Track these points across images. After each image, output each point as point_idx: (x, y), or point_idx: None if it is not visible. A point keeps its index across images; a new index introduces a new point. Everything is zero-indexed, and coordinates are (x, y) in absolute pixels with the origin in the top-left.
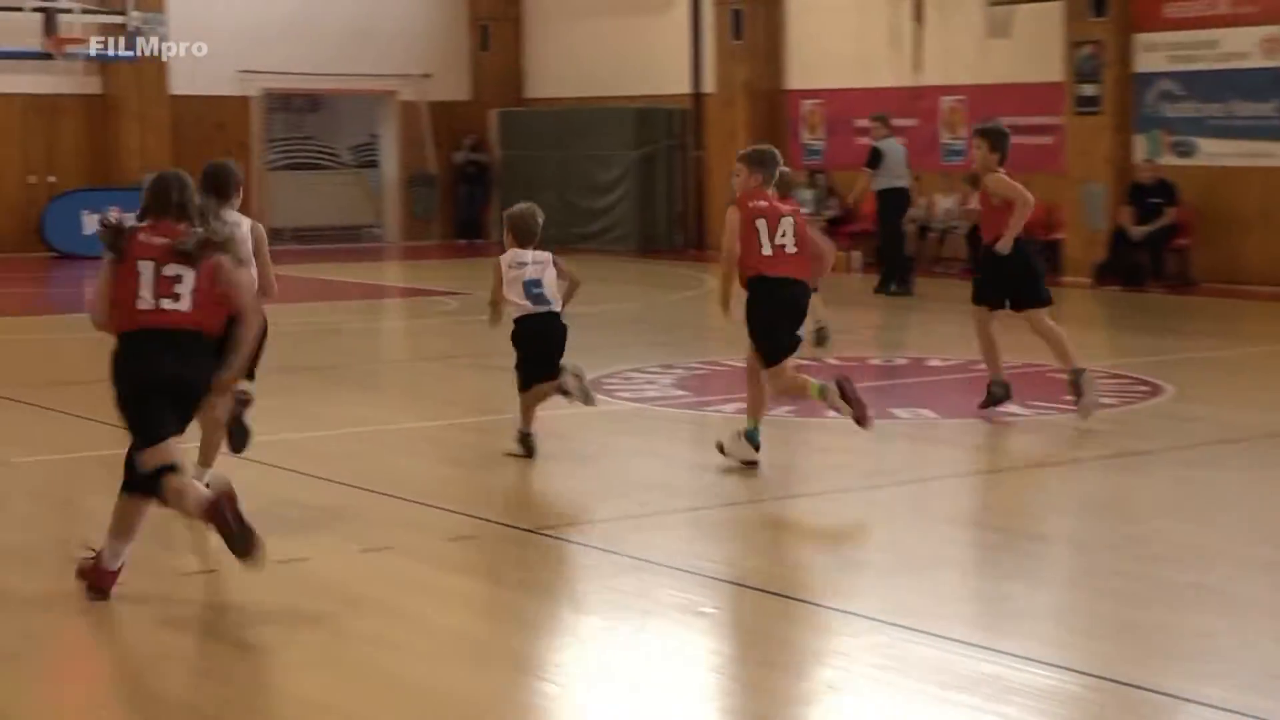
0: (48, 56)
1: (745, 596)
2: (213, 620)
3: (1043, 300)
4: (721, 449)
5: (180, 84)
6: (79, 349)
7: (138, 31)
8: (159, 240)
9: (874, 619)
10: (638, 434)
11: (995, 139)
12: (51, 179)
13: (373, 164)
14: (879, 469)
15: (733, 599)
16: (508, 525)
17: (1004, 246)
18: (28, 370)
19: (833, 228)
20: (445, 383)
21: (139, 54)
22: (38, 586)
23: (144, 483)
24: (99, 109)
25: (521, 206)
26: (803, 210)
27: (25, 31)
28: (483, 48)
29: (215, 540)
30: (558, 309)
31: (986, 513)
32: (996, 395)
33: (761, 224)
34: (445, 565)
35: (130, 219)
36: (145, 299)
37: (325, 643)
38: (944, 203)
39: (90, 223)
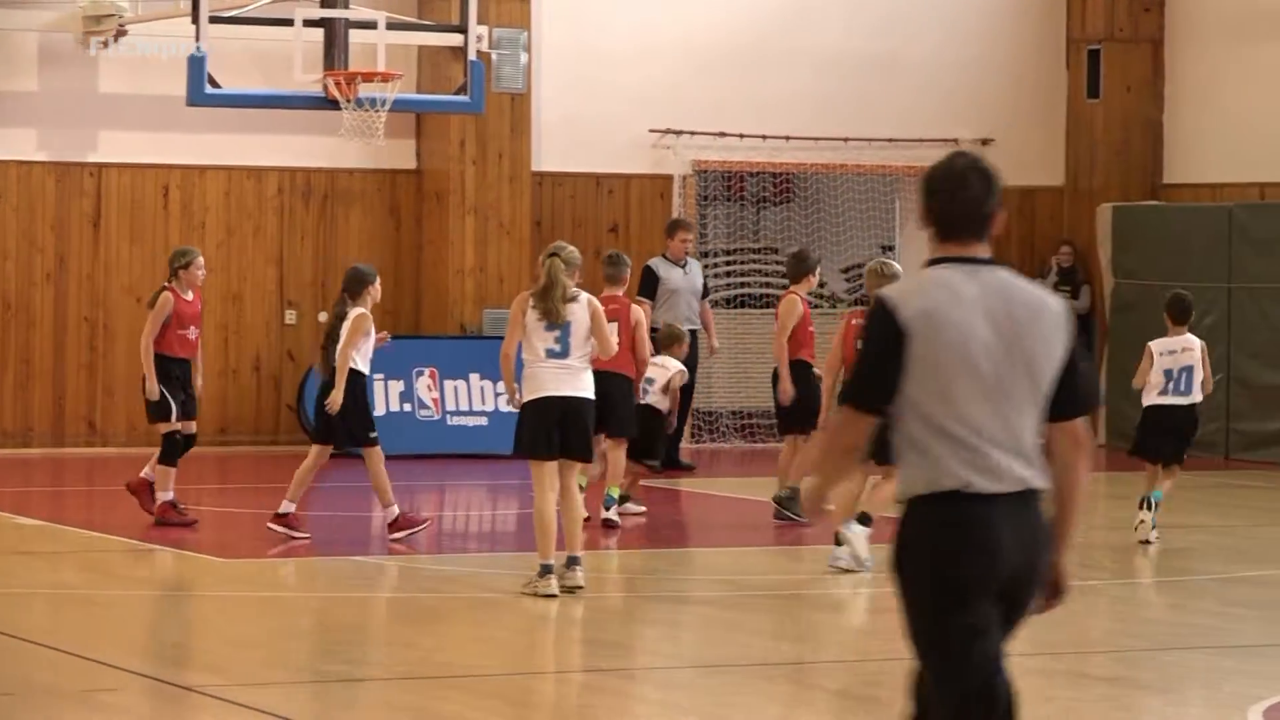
0: (327, 104)
1: None
2: None
3: None
4: None
5: (551, 154)
6: (347, 614)
7: (482, 61)
8: None
9: None
10: None
11: None
12: (323, 318)
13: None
14: None
15: None
16: None
17: None
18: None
19: None
20: None
21: (481, 98)
22: None
23: None
24: (409, 196)
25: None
26: None
27: (283, 61)
28: (1090, 93)
29: None
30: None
31: None
32: None
33: None
34: None
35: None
36: None
37: None
38: None
39: (390, 398)
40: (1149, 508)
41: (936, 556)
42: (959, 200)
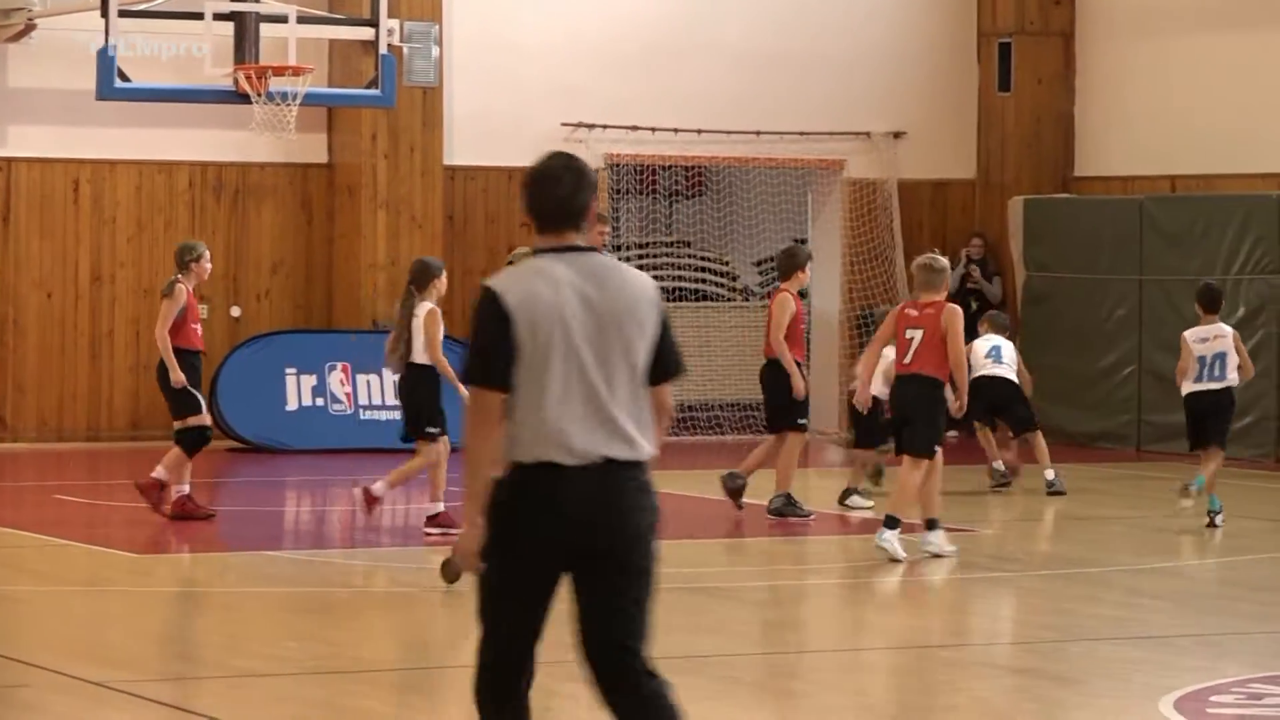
0: (237, 98)
1: None
2: None
3: None
4: None
5: (463, 148)
6: (263, 615)
7: (394, 55)
8: None
9: None
10: None
11: None
12: (235, 312)
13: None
14: None
15: None
16: None
17: None
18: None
19: None
20: None
21: (393, 92)
22: None
23: None
24: (320, 191)
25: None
26: None
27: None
28: (1001, 87)
29: None
30: None
31: None
32: None
33: None
34: None
35: None
36: None
37: None
38: None
39: (302, 393)
40: (1187, 495)
41: (510, 521)
42: (552, 196)
